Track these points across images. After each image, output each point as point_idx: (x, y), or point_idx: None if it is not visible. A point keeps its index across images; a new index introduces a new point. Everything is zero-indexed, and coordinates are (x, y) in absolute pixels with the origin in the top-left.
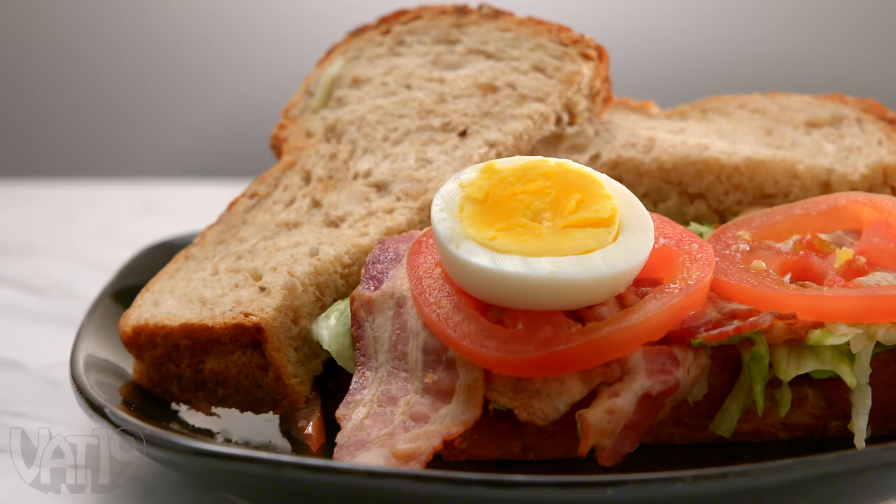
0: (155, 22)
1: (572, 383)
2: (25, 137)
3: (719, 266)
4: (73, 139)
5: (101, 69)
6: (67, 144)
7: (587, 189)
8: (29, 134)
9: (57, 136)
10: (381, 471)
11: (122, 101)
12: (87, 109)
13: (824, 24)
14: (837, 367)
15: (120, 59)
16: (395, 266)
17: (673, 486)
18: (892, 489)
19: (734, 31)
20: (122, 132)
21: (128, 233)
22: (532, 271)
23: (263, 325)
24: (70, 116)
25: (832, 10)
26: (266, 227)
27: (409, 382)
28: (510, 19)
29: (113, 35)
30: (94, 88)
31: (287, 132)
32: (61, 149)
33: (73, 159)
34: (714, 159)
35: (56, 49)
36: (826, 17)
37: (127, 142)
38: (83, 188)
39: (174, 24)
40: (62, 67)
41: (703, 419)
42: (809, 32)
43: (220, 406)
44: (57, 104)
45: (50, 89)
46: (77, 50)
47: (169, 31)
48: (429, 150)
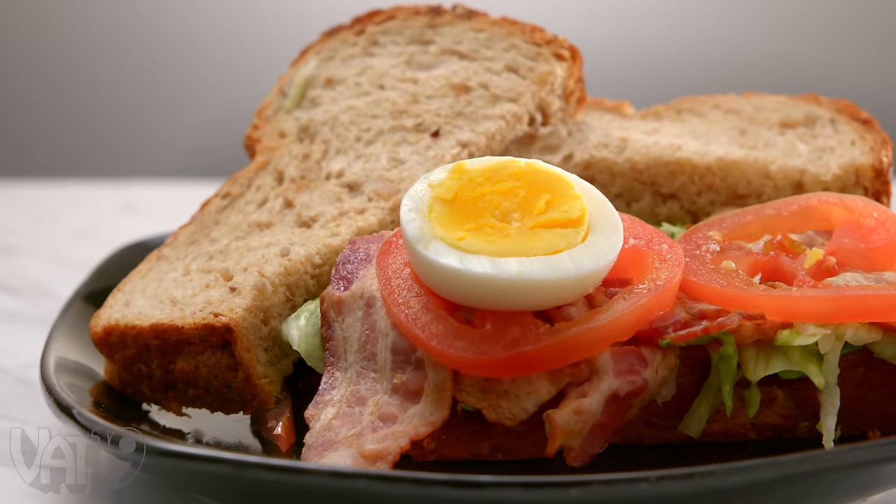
0: (140, 23)
1: (540, 384)
2: (15, 137)
3: (689, 266)
4: (59, 139)
5: (88, 69)
6: (54, 144)
7: (557, 189)
8: (18, 134)
9: (45, 136)
10: (346, 471)
11: (109, 101)
12: (78, 110)
13: (801, 25)
14: (806, 367)
15: (107, 60)
16: (365, 266)
17: (637, 486)
18: (859, 489)
19: (711, 32)
20: (110, 132)
21: (109, 233)
22: (500, 272)
23: (233, 326)
24: (59, 117)
25: (809, 12)
26: (238, 228)
27: (378, 383)
28: (484, 20)
29: (95, 35)
30: (82, 89)
31: (260, 132)
32: (49, 149)
33: (61, 159)
34: (686, 160)
35: (42, 50)
36: (802, 19)
37: (113, 142)
38: (69, 188)
39: (158, 25)
40: (50, 67)
41: (673, 420)
42: (786, 33)
43: (190, 406)
44: (46, 104)
45: (39, 90)
46: (63, 50)
47: (151, 31)
48: (401, 150)
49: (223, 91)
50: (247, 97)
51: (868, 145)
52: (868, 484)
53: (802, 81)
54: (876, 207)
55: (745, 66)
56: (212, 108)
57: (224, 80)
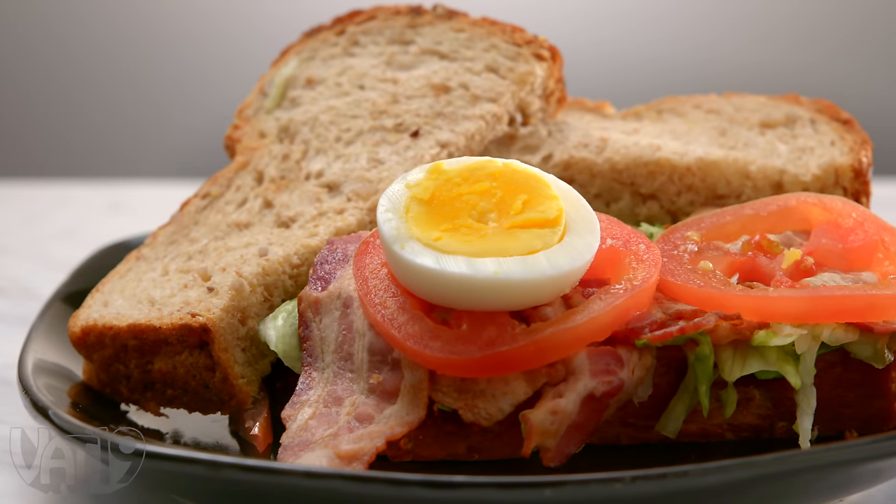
0: (130, 23)
1: (517, 384)
2: (4, 138)
3: (666, 267)
4: (48, 140)
5: (76, 70)
6: (43, 145)
7: (534, 190)
8: (8, 135)
9: (33, 136)
10: (320, 471)
11: (96, 101)
12: (65, 110)
13: (784, 26)
14: (782, 367)
15: (96, 60)
16: (342, 266)
17: (612, 486)
18: (835, 489)
19: (695, 32)
20: (97, 132)
21: (95, 233)
22: (476, 272)
23: (210, 326)
24: (47, 117)
25: (793, 15)
26: (217, 228)
27: (354, 383)
28: (464, 20)
29: (85, 35)
30: (70, 89)
31: (241, 132)
32: (38, 149)
33: (50, 159)
34: (666, 160)
35: (29, 51)
36: (786, 21)
37: (101, 142)
38: (57, 188)
39: (148, 26)
40: (39, 69)
41: (649, 420)
42: (769, 35)
43: (168, 406)
44: (34, 105)
45: (27, 91)
46: (52, 51)
47: (141, 32)
48: (381, 150)
49: (212, 91)
50: (237, 98)
51: (848, 145)
52: (844, 484)
53: (784, 81)
54: (854, 208)
55: (729, 66)
56: (199, 108)
57: (213, 81)
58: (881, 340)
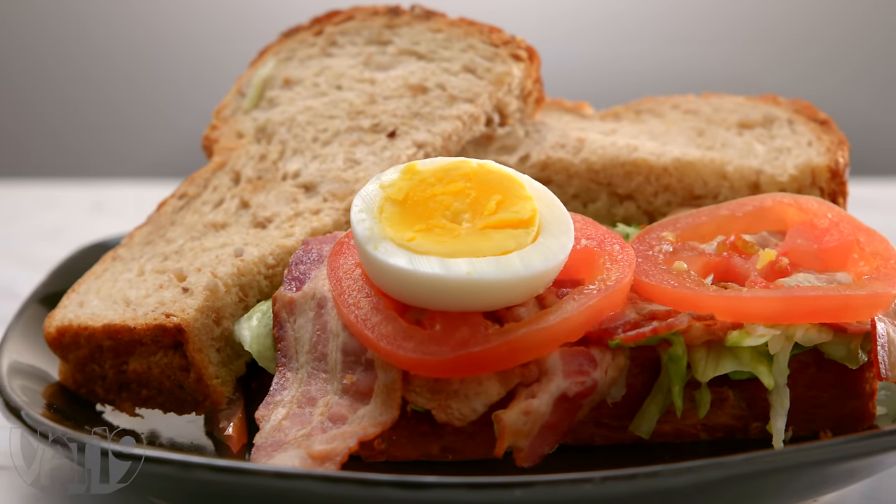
0: (112, 24)
1: (490, 384)
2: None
3: (641, 267)
4: (31, 139)
5: (59, 70)
6: (26, 145)
7: (508, 190)
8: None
9: (17, 136)
10: (290, 472)
11: (79, 101)
12: (49, 110)
13: (761, 27)
14: (755, 368)
15: (78, 61)
16: (317, 267)
17: (582, 487)
18: (809, 490)
19: (674, 33)
20: (81, 132)
21: (78, 233)
22: (449, 272)
23: (184, 326)
24: (31, 117)
25: (767, 14)
26: (194, 228)
27: (328, 383)
28: (442, 20)
29: (66, 37)
30: (53, 89)
31: (218, 133)
32: (21, 149)
33: (32, 159)
34: (643, 160)
35: (11, 51)
36: (761, 21)
37: (84, 142)
38: (39, 188)
39: (130, 27)
40: (21, 68)
41: (623, 420)
42: (747, 35)
43: (143, 407)
44: (17, 105)
45: (10, 91)
46: (34, 51)
47: (123, 33)
48: (357, 150)
49: (197, 91)
50: (222, 98)
51: (825, 146)
52: (817, 484)
53: (763, 82)
54: (830, 208)
55: (708, 66)
56: (184, 108)
57: (199, 81)
58: (855, 341)
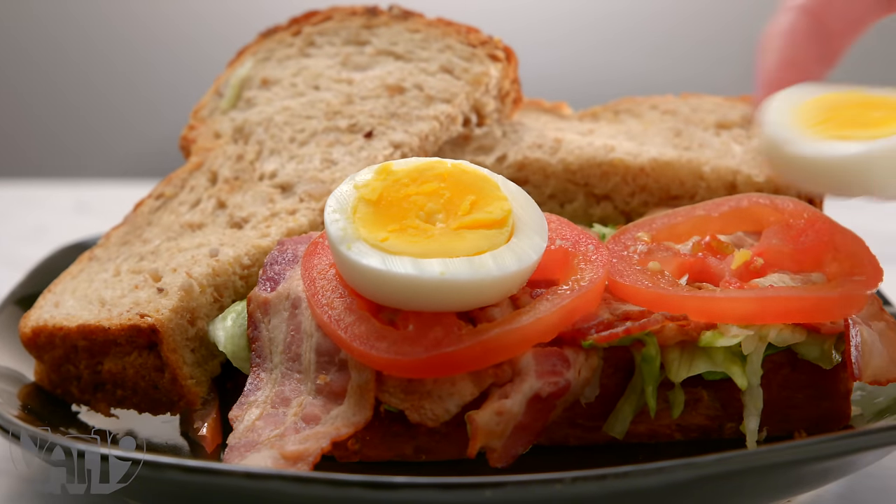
0: (95, 23)
1: (463, 385)
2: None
3: (616, 267)
4: (14, 140)
5: (42, 70)
6: (8, 145)
7: (482, 191)
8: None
9: (3, 137)
10: (260, 472)
11: (63, 101)
12: (32, 110)
13: (741, 26)
14: (729, 368)
15: (61, 60)
16: (292, 267)
17: (552, 487)
18: (782, 490)
19: (655, 32)
20: (65, 132)
21: (61, 234)
22: (422, 273)
23: (158, 326)
24: (14, 117)
25: (745, 14)
26: (170, 229)
27: (302, 384)
28: (420, 20)
29: (49, 36)
30: (36, 89)
31: (196, 133)
32: (3, 149)
33: (15, 159)
34: (620, 160)
35: None
36: (740, 21)
37: (68, 142)
38: (22, 188)
39: (113, 26)
40: (3, 69)
41: (597, 421)
42: (727, 35)
43: (118, 407)
44: (6, 106)
45: None
46: (18, 51)
47: (107, 33)
48: (334, 151)
49: (182, 92)
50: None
51: None
52: (791, 484)
53: (743, 83)
54: (806, 209)
55: (689, 66)
56: (169, 108)
57: (184, 81)
58: (828, 341)
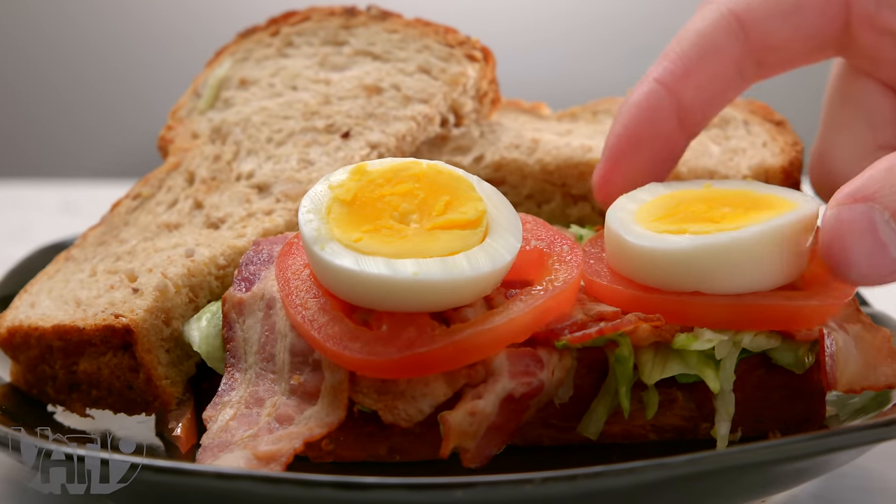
0: (82, 21)
1: (436, 385)
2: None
3: (592, 268)
4: (3, 140)
5: (27, 70)
6: None
7: (457, 191)
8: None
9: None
10: (231, 472)
11: (48, 101)
12: (17, 110)
13: None
14: (702, 371)
15: (47, 60)
16: (267, 267)
17: (522, 487)
18: (755, 490)
19: (638, 33)
20: (50, 132)
21: (46, 234)
22: (395, 273)
23: (133, 327)
24: (9, 118)
25: None
26: (147, 229)
27: (276, 384)
28: (398, 21)
29: (33, 35)
30: (22, 89)
31: (174, 133)
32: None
33: (1, 159)
34: (597, 160)
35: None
36: None
37: (53, 142)
38: (7, 188)
39: (99, 25)
40: None
41: (571, 421)
42: None
43: (94, 407)
44: None
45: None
46: (11, 52)
47: (93, 32)
48: (311, 151)
49: (168, 91)
50: None
51: (779, 146)
52: (764, 484)
53: None
54: None
55: None
56: (154, 108)
57: (167, 80)
58: (802, 347)
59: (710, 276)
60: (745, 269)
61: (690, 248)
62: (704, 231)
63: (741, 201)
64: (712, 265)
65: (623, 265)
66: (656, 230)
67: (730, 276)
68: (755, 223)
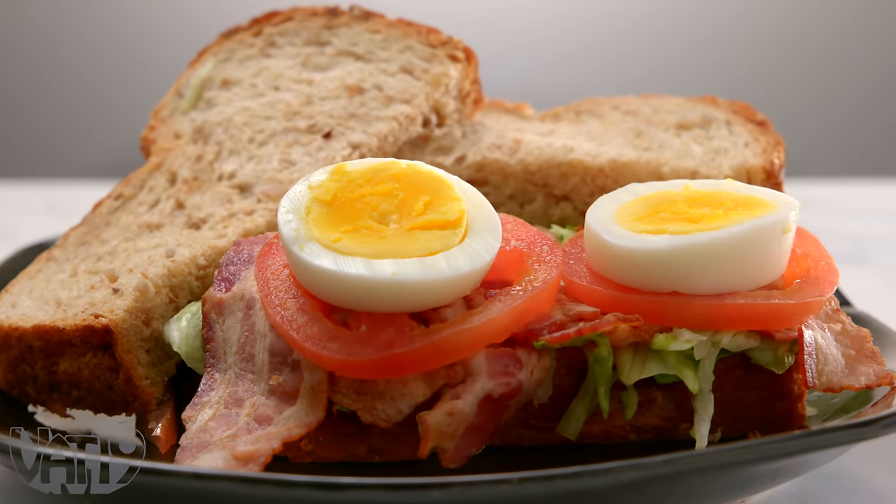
0: (64, 23)
1: (415, 385)
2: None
3: (573, 268)
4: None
5: (12, 70)
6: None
7: (436, 191)
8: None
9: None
10: (207, 472)
11: (33, 101)
12: (4, 110)
13: (704, 28)
14: (681, 371)
15: (31, 61)
16: (247, 268)
17: (499, 488)
18: (734, 490)
19: (622, 33)
20: (34, 132)
21: (32, 234)
22: (374, 273)
23: (112, 327)
24: None
25: (708, 15)
26: (128, 229)
27: (255, 384)
28: (380, 21)
29: (18, 36)
30: (7, 90)
31: (156, 133)
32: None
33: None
34: (579, 161)
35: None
36: (703, 22)
37: (38, 142)
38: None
39: (82, 26)
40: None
41: (550, 422)
42: (690, 36)
43: (74, 408)
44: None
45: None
46: None
47: (76, 32)
48: (293, 151)
49: (151, 91)
50: None
51: (761, 147)
52: (743, 484)
53: (704, 83)
54: None
55: (651, 66)
56: (140, 108)
57: (153, 81)
58: (782, 347)
59: (688, 276)
60: (723, 270)
61: (669, 248)
62: (683, 231)
63: (721, 202)
64: (691, 265)
65: (602, 265)
66: (636, 230)
67: (708, 276)
68: (734, 223)
